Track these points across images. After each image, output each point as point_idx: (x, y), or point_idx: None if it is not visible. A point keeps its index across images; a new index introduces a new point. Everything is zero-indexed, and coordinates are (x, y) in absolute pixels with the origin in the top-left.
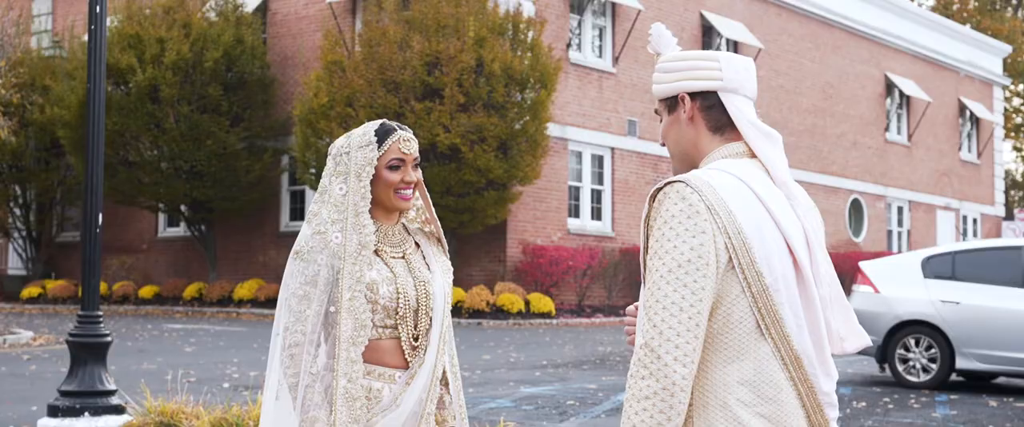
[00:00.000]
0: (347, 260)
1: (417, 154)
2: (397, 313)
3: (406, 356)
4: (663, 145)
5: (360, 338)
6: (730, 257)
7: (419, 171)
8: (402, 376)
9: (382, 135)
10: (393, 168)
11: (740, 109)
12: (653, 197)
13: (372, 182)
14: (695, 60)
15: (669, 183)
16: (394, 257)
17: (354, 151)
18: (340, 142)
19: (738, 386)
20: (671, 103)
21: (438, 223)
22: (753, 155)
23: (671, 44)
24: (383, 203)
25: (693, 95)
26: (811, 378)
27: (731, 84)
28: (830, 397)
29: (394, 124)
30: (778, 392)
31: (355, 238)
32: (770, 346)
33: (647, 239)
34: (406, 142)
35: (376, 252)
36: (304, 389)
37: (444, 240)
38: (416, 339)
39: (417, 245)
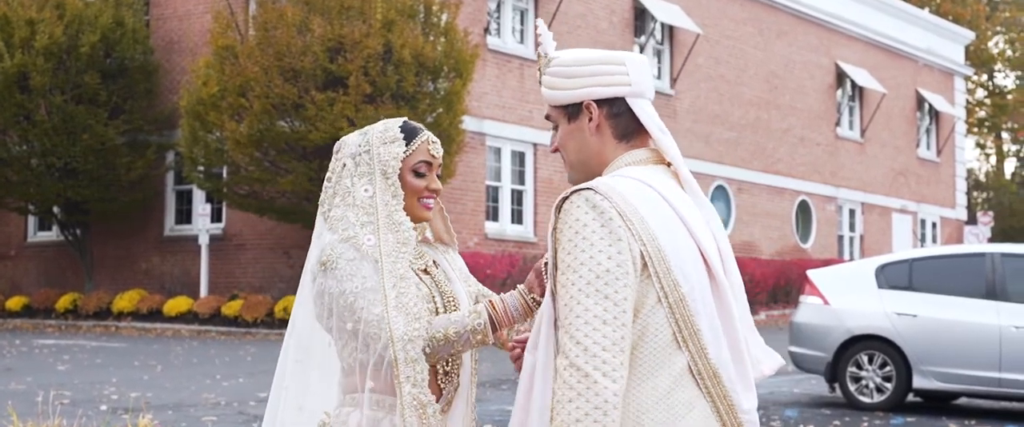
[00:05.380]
0: (385, 259)
1: (441, 160)
2: None
3: (439, 381)
4: (554, 151)
5: (416, 332)
6: (645, 265)
7: (438, 181)
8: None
9: (409, 133)
10: (418, 174)
11: (649, 114)
12: (559, 208)
13: None
14: (600, 64)
15: (576, 191)
16: (420, 270)
17: (376, 148)
18: (353, 139)
19: (653, 406)
20: (572, 111)
21: (453, 234)
22: (657, 161)
23: (553, 43)
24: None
25: (599, 102)
26: (731, 395)
27: (639, 88)
28: (751, 415)
29: (417, 123)
30: (690, 411)
31: (391, 237)
32: (686, 359)
33: (555, 253)
34: (434, 144)
35: None
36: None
37: (453, 241)
38: (448, 362)
39: (433, 259)
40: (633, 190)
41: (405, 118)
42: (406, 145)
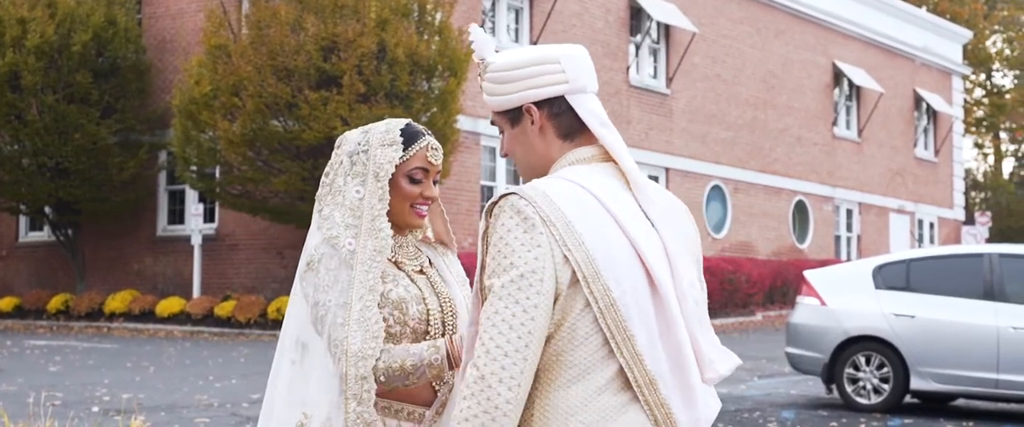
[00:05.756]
0: (359, 267)
1: (440, 167)
2: (428, 335)
3: (433, 384)
4: (505, 156)
5: (371, 350)
6: (573, 271)
7: (437, 187)
8: (430, 414)
9: (409, 137)
10: (414, 180)
11: (591, 110)
12: (489, 212)
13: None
14: (535, 65)
15: (504, 196)
16: (414, 271)
17: (374, 149)
18: (354, 136)
19: (582, 409)
20: (514, 115)
21: (453, 237)
22: (604, 159)
23: (491, 46)
24: (394, 217)
25: (539, 104)
26: (667, 403)
27: (577, 84)
28: (692, 423)
29: (420, 127)
30: (622, 415)
31: (370, 244)
32: (620, 365)
33: (485, 256)
34: (434, 151)
35: (397, 265)
36: None
37: (452, 242)
38: None
39: (429, 258)
40: (564, 193)
41: (410, 121)
42: (404, 150)
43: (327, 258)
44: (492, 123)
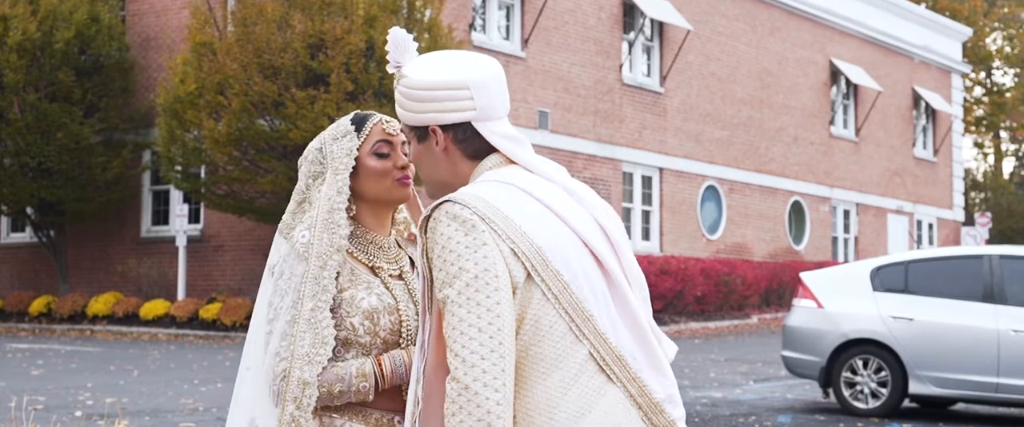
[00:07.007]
0: (313, 262)
1: (403, 135)
2: (399, 346)
3: (404, 394)
4: (409, 162)
5: (318, 357)
6: (523, 264)
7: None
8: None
9: (359, 121)
10: (381, 155)
11: (501, 134)
12: (424, 227)
13: (357, 177)
14: (445, 90)
15: (436, 206)
16: (392, 275)
17: (328, 146)
18: (312, 145)
19: (562, 398)
20: (421, 132)
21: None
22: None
23: (411, 51)
24: (379, 197)
25: (445, 127)
26: (640, 378)
27: (485, 111)
28: (667, 393)
29: (368, 111)
30: (601, 397)
31: (326, 238)
32: (588, 348)
33: (431, 272)
34: (389, 122)
35: (373, 270)
36: None
37: None
38: None
39: (411, 261)
40: (495, 192)
41: (357, 110)
42: (357, 135)
43: (290, 264)
44: (400, 130)
